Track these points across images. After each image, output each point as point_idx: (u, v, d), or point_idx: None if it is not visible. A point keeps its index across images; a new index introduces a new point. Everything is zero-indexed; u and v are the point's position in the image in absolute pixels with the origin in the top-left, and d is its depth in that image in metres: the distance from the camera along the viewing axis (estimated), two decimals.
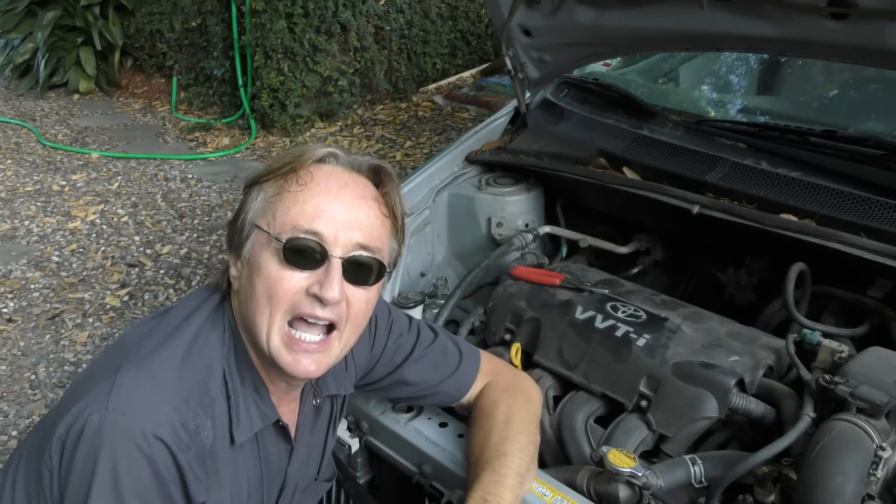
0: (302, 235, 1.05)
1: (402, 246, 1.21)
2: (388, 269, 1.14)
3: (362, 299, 1.11)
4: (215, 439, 1.06)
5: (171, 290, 3.79)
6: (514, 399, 1.37)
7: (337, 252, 1.06)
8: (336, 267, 1.06)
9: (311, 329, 1.08)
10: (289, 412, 1.23)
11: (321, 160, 1.12)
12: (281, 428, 1.19)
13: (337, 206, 1.07)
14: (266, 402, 1.15)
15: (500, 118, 2.44)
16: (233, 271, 1.14)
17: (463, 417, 1.48)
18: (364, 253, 1.09)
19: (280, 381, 1.16)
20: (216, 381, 1.08)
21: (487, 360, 1.46)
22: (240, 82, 5.78)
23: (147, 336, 1.09)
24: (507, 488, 1.19)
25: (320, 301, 1.05)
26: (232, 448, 1.10)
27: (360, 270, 1.09)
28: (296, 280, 1.05)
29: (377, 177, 1.16)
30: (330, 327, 1.10)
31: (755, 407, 1.41)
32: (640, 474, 1.24)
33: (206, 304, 1.15)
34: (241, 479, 1.14)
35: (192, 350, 1.07)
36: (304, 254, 1.05)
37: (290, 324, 1.08)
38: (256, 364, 1.14)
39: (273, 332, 1.07)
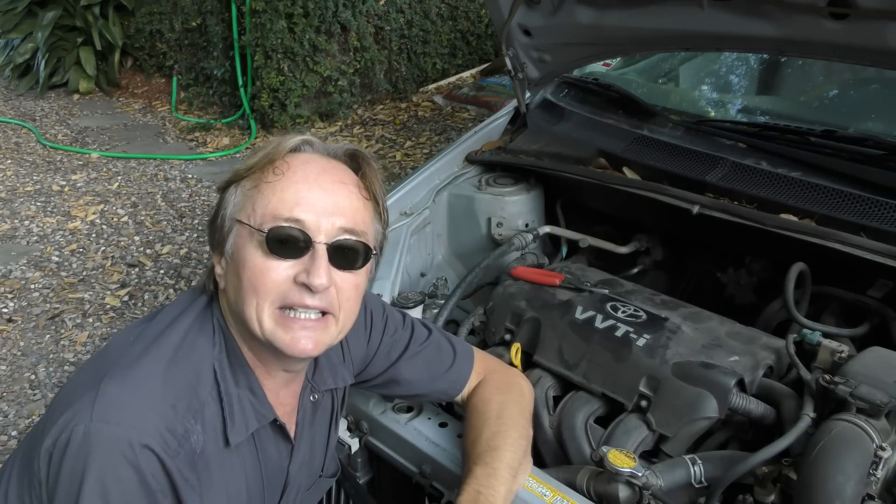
0: (284, 224, 1.04)
1: (387, 229, 1.21)
2: (374, 252, 1.13)
3: (351, 283, 1.10)
4: (206, 443, 1.05)
5: (171, 290, 3.79)
6: (506, 395, 1.37)
7: (321, 238, 1.05)
8: (321, 253, 1.05)
9: (305, 311, 1.07)
10: (287, 410, 1.23)
11: (296, 149, 1.11)
12: (279, 427, 1.19)
13: (317, 192, 1.06)
14: (262, 402, 1.14)
15: (500, 118, 2.45)
16: (218, 270, 1.12)
17: (462, 417, 1.48)
18: (349, 237, 1.08)
19: (277, 371, 1.15)
20: (206, 384, 1.07)
21: (481, 357, 1.47)
22: (240, 82, 5.78)
23: (132, 343, 1.08)
24: (501, 481, 1.19)
25: (309, 289, 1.04)
26: (227, 450, 1.09)
27: (346, 255, 1.08)
28: (282, 269, 1.04)
29: (354, 162, 1.15)
30: (323, 312, 1.09)
31: (755, 407, 1.40)
32: (640, 474, 1.24)
33: (192, 307, 1.14)
34: (239, 480, 1.14)
35: (177, 355, 1.06)
36: (287, 242, 1.04)
37: (281, 308, 1.06)
38: (251, 360, 1.13)
39: (264, 318, 1.05)
